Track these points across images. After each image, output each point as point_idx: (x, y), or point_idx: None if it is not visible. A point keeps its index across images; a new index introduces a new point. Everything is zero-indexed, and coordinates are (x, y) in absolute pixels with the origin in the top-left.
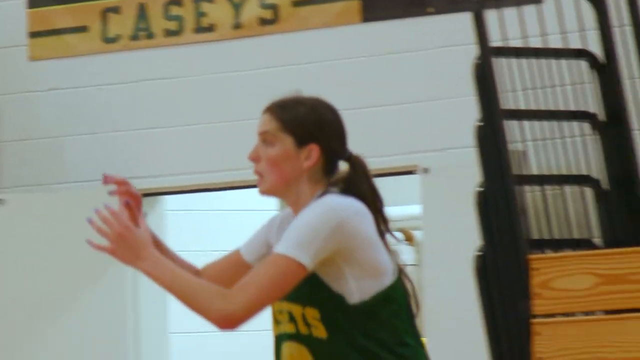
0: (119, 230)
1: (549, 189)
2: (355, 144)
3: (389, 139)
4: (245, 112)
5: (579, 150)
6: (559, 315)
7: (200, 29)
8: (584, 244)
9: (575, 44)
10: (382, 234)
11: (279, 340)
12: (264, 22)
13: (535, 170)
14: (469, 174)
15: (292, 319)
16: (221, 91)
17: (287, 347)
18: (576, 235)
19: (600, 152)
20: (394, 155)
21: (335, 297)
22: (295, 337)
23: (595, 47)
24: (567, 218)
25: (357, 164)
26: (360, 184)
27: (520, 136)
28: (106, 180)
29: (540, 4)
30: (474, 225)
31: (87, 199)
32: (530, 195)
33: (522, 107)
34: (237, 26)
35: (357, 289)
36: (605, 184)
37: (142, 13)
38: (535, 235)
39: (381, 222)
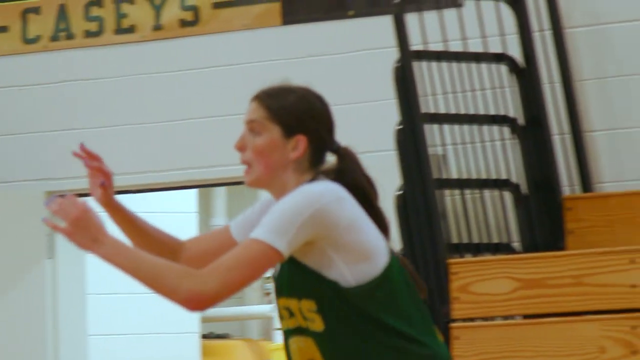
0: (76, 213)
1: (469, 193)
2: None
3: None
4: (164, 114)
5: (498, 155)
6: (478, 319)
7: (120, 30)
8: (503, 248)
9: (495, 48)
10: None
11: (286, 336)
12: (184, 23)
13: (454, 174)
14: (389, 178)
15: (291, 314)
16: (141, 92)
17: (294, 341)
18: (495, 239)
19: (519, 157)
20: None
21: (329, 285)
22: (299, 331)
23: (515, 51)
24: (486, 222)
25: (346, 155)
26: (353, 174)
27: (440, 140)
28: (82, 148)
29: (461, 7)
30: (394, 228)
31: (4, 200)
32: (450, 199)
33: (442, 110)
34: (158, 28)
35: (350, 273)
36: (524, 188)
37: (62, 14)
38: (454, 240)
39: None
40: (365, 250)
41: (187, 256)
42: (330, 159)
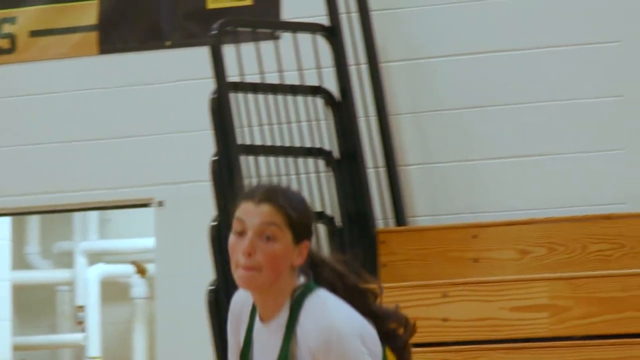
0: None
1: None
2: (88, 176)
3: (124, 171)
4: None
5: (313, 187)
6: None
7: None
8: None
9: (312, 80)
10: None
11: None
12: (1, 51)
13: None
14: (204, 208)
15: None
16: None
17: None
18: None
19: (334, 189)
20: (129, 187)
21: None
22: None
23: (331, 84)
24: None
25: (314, 254)
26: (325, 274)
27: (255, 171)
28: None
29: (278, 40)
30: (208, 259)
31: None
32: None
33: (258, 142)
34: None
35: None
36: (339, 221)
37: None
38: None
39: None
40: None
41: None
42: None
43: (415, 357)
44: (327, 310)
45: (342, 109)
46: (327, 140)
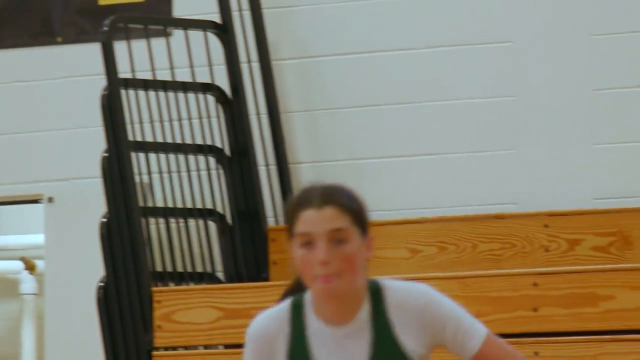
0: None
1: (174, 222)
2: None
3: (14, 166)
4: None
5: (204, 184)
6: (180, 348)
7: None
8: (207, 277)
9: (203, 77)
10: None
11: None
12: None
13: (160, 203)
14: (95, 205)
15: None
16: None
17: None
18: (200, 268)
19: (225, 187)
20: (18, 183)
21: None
22: None
23: (223, 81)
24: (191, 251)
25: None
26: None
27: (146, 168)
28: None
29: (169, 37)
30: (99, 255)
31: None
32: (155, 227)
33: (149, 139)
34: None
35: None
36: (229, 218)
37: None
38: (158, 268)
39: None
40: None
41: None
42: None
43: None
44: (408, 289)
45: (233, 107)
46: (219, 137)
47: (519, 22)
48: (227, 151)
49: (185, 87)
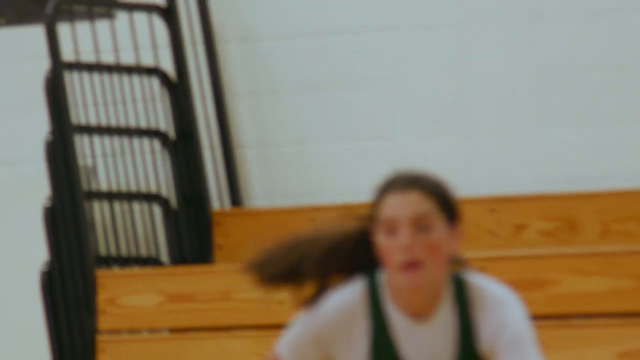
0: None
1: (118, 206)
2: None
3: None
4: None
5: (149, 168)
6: (124, 332)
7: None
8: (151, 261)
9: (148, 60)
10: None
11: None
12: None
13: (104, 186)
14: (38, 188)
15: None
16: None
17: None
18: (144, 252)
19: (170, 170)
20: None
21: None
22: None
23: (168, 64)
24: (135, 235)
25: None
26: None
27: (90, 151)
28: None
29: (114, 19)
30: (42, 240)
31: None
32: (99, 211)
33: (93, 122)
34: None
35: None
36: (174, 202)
37: None
38: (102, 252)
39: None
40: None
41: None
42: None
43: (251, 340)
44: (491, 289)
45: (178, 89)
46: (163, 120)
47: (464, 6)
48: (172, 134)
49: (129, 70)
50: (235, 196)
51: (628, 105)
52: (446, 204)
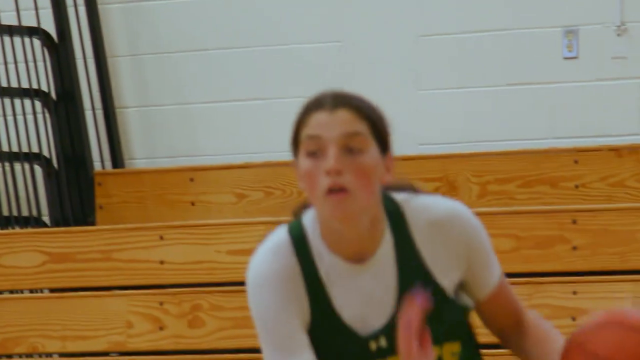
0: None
1: None
2: None
3: None
4: None
5: (30, 128)
6: (5, 292)
7: None
8: (33, 221)
9: (30, 21)
10: None
11: None
12: None
13: None
14: None
15: None
16: None
17: None
18: (25, 213)
19: (51, 131)
20: None
21: (466, 312)
22: None
23: (49, 25)
24: (16, 195)
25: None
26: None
27: None
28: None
29: None
30: None
31: None
32: None
33: None
34: None
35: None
36: (56, 162)
37: None
38: None
39: None
40: None
41: None
42: None
43: (131, 299)
44: (433, 207)
45: (59, 50)
46: (45, 81)
47: None
48: (54, 95)
49: (11, 30)
50: (117, 157)
51: (506, 69)
52: (379, 128)
